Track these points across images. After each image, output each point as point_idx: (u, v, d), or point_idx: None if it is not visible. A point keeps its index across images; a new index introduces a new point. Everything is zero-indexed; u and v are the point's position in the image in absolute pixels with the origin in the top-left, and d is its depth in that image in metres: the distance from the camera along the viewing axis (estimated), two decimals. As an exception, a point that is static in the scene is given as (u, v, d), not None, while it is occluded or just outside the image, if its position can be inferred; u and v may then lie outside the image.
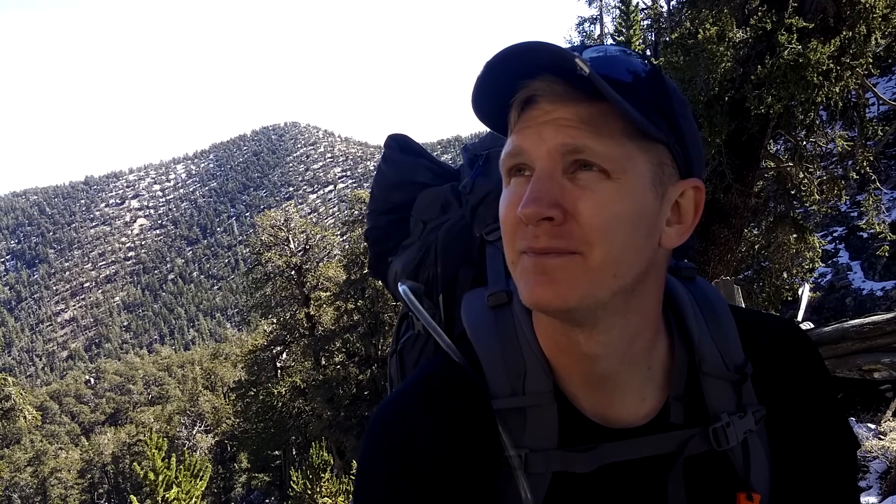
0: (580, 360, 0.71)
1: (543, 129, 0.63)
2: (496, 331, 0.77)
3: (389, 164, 1.17)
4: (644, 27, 17.47)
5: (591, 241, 0.61)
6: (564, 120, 0.62)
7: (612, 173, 0.62)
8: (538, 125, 0.63)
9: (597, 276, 0.63)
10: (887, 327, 5.48)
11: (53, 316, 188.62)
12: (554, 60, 0.62)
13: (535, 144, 0.63)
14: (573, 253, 0.62)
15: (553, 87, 0.63)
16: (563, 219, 0.61)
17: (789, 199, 9.48)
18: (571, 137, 0.61)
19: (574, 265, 0.62)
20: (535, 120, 0.64)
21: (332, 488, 15.45)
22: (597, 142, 0.61)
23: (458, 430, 0.72)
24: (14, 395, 22.49)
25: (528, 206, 0.61)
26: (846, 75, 7.14)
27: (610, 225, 0.62)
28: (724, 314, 0.79)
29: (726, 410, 0.74)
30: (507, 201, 0.66)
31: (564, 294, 0.62)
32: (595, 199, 0.61)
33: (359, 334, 23.05)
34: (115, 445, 43.39)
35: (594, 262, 0.62)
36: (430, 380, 0.77)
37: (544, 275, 0.62)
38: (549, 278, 0.62)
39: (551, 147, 0.62)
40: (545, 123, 0.63)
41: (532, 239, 0.62)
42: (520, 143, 0.65)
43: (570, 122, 0.62)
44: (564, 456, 0.71)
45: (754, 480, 0.74)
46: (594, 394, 0.73)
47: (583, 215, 0.61)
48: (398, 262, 1.09)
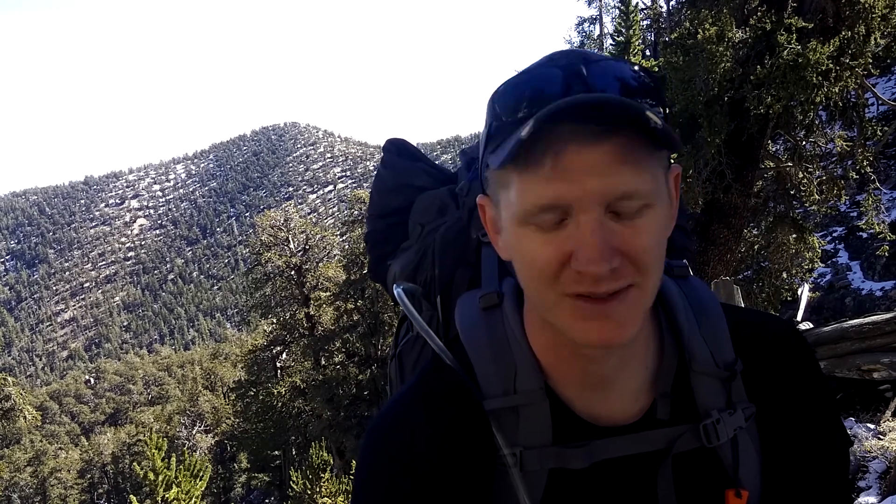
0: (582, 364, 0.72)
1: (586, 178, 0.59)
2: (487, 332, 0.78)
3: (388, 168, 1.19)
4: (644, 27, 17.48)
5: (645, 272, 0.63)
6: (603, 164, 0.59)
7: (651, 203, 0.62)
8: (578, 173, 0.60)
9: (648, 299, 0.65)
10: (886, 327, 5.48)
11: (53, 316, 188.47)
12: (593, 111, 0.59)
13: (580, 195, 0.60)
14: (629, 286, 0.63)
15: (584, 128, 0.60)
16: (621, 262, 0.61)
17: (789, 199, 9.48)
18: (619, 185, 0.60)
19: (632, 300, 0.63)
20: (571, 167, 0.60)
21: (332, 488, 15.44)
22: (640, 179, 0.61)
23: (453, 432, 0.73)
24: (14, 395, 22.49)
25: (595, 264, 0.60)
26: (846, 75, 7.14)
27: (657, 249, 0.64)
28: (714, 312, 0.79)
29: (716, 407, 0.75)
30: (539, 246, 0.63)
31: (628, 332, 0.64)
32: (645, 234, 0.62)
33: (358, 334, 23.04)
34: (115, 445, 43.38)
35: (648, 288, 0.64)
36: (425, 384, 0.78)
37: (605, 319, 0.63)
38: (613, 322, 0.63)
39: (598, 196, 0.60)
40: (585, 171, 0.59)
41: (592, 285, 0.61)
42: (561, 193, 0.60)
43: (610, 166, 0.59)
44: (559, 452, 0.72)
45: (743, 477, 0.75)
46: (589, 394, 0.74)
47: (637, 253, 0.62)
48: (397, 265, 1.10)
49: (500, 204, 0.68)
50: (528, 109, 0.62)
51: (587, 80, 0.62)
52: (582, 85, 0.62)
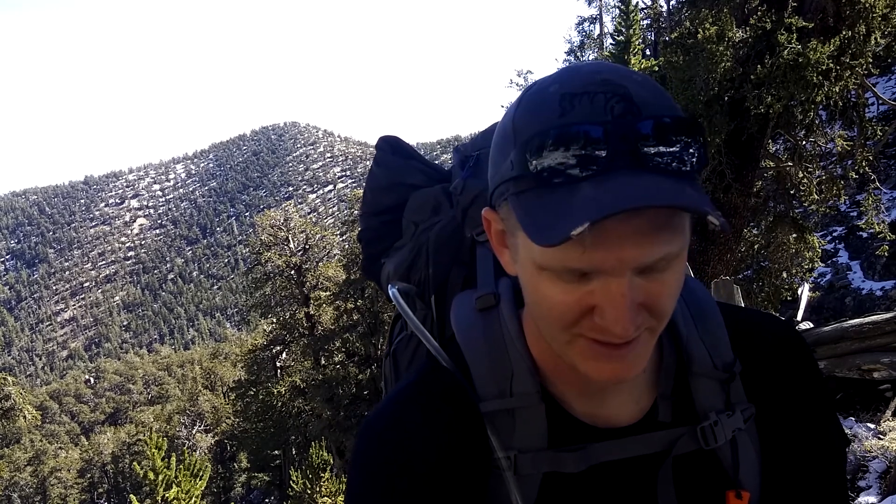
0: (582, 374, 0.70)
1: (623, 247, 0.56)
2: (483, 333, 0.77)
3: (381, 166, 1.18)
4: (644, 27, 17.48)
5: (663, 319, 0.63)
6: (642, 234, 0.56)
7: (680, 254, 0.61)
8: (616, 242, 0.56)
9: (658, 333, 0.65)
10: (886, 327, 5.48)
11: (53, 315, 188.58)
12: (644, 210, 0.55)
13: (615, 264, 0.57)
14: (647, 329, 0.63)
15: None
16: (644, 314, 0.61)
17: (789, 198, 9.48)
18: (656, 253, 0.57)
19: (645, 341, 0.63)
20: (609, 236, 0.56)
21: (332, 488, 15.45)
22: (675, 242, 0.59)
23: (448, 434, 0.72)
24: (14, 395, 22.48)
25: (623, 328, 0.59)
26: (846, 75, 7.14)
27: (676, 295, 0.63)
28: (712, 313, 0.79)
29: (714, 409, 0.74)
30: (559, 293, 0.60)
31: (638, 368, 0.65)
32: (670, 286, 0.61)
33: (358, 334, 23.06)
34: (115, 445, 43.43)
35: (661, 328, 0.64)
36: (419, 385, 0.77)
37: (618, 361, 0.63)
38: (626, 363, 0.63)
39: (633, 264, 0.58)
40: (623, 239, 0.56)
41: (612, 337, 0.61)
42: (596, 262, 0.57)
43: (648, 235, 0.57)
44: (554, 456, 0.71)
45: (743, 478, 0.74)
46: (588, 397, 0.74)
47: (660, 305, 0.61)
48: (390, 264, 1.09)
49: (517, 233, 0.63)
50: (562, 174, 0.57)
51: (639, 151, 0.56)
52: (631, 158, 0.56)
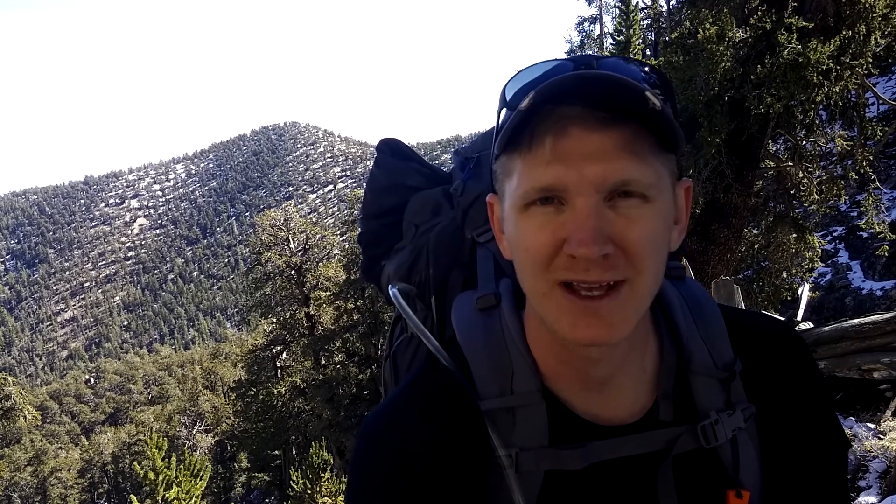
0: (581, 366, 0.72)
1: (584, 163, 0.60)
2: (484, 333, 0.77)
3: (381, 168, 1.18)
4: (644, 27, 17.48)
5: (638, 268, 0.62)
6: (604, 151, 0.60)
7: (650, 197, 0.62)
8: (577, 158, 0.60)
9: (642, 301, 0.64)
10: (887, 327, 5.47)
11: (53, 316, 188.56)
12: (593, 87, 0.60)
13: (577, 180, 0.60)
14: (621, 281, 0.62)
15: (590, 114, 0.60)
16: (614, 251, 0.61)
17: (789, 198, 9.48)
18: (618, 172, 0.60)
19: (624, 298, 0.62)
20: (571, 152, 0.60)
21: (332, 488, 15.45)
22: (639, 170, 0.61)
23: (448, 433, 0.73)
24: (14, 395, 22.49)
25: (586, 247, 0.59)
26: (846, 75, 7.14)
27: (653, 248, 0.63)
28: (712, 313, 0.80)
29: (715, 408, 0.74)
30: (535, 231, 0.63)
31: (617, 332, 0.63)
32: (640, 227, 0.61)
33: (358, 334, 23.06)
34: (115, 445, 43.43)
35: (641, 288, 0.63)
36: (420, 385, 0.78)
37: (594, 316, 0.62)
38: (602, 320, 0.62)
39: (596, 182, 0.60)
40: (585, 156, 0.60)
41: (583, 272, 0.61)
42: (559, 177, 0.60)
43: (610, 153, 0.60)
44: (555, 454, 0.72)
45: (744, 477, 0.75)
46: (588, 395, 0.74)
47: (631, 244, 0.61)
48: (391, 265, 1.10)
49: (505, 194, 0.68)
50: (530, 95, 0.61)
51: (597, 69, 0.63)
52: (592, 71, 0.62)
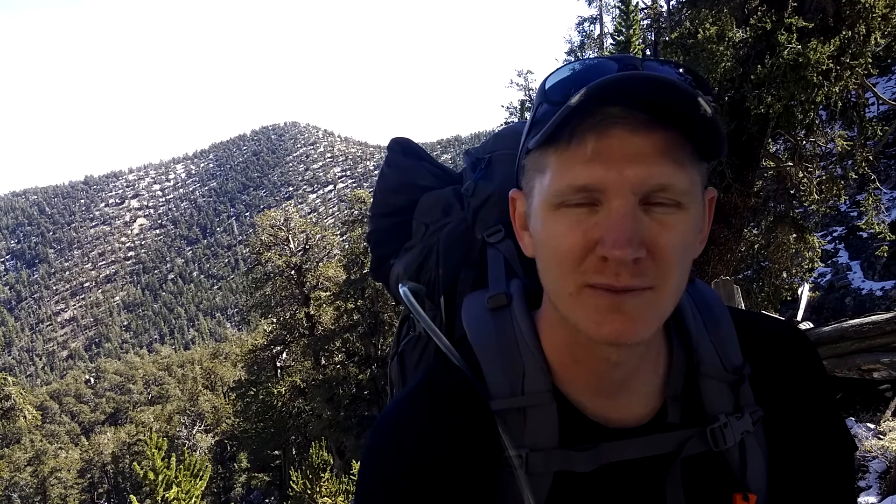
0: (595, 366, 0.72)
1: (625, 164, 0.59)
2: (495, 332, 0.77)
3: (392, 167, 1.18)
4: (644, 27, 17.44)
5: (665, 275, 0.62)
6: (645, 154, 0.59)
7: (684, 205, 0.62)
8: (618, 159, 0.60)
9: (667, 306, 0.64)
10: (887, 327, 5.47)
11: (53, 315, 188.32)
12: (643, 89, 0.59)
13: (616, 181, 0.60)
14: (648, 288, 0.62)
15: (634, 116, 0.60)
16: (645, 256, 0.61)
17: (789, 198, 9.48)
18: (657, 176, 0.60)
19: (649, 301, 0.62)
20: (613, 152, 0.60)
21: (332, 488, 15.45)
22: (677, 177, 0.61)
23: (459, 434, 0.73)
24: (14, 395, 22.43)
25: (620, 249, 0.59)
26: (846, 75, 7.14)
27: (682, 255, 0.63)
28: (722, 316, 0.79)
29: (724, 411, 0.75)
30: (566, 231, 0.63)
31: (640, 331, 0.63)
32: (672, 234, 0.61)
33: (359, 334, 23.06)
34: (115, 445, 43.39)
35: (666, 294, 0.63)
36: (430, 384, 0.78)
37: (619, 313, 0.62)
38: (625, 317, 0.62)
39: (636, 184, 0.60)
40: (627, 157, 0.60)
41: (612, 277, 0.61)
42: (598, 177, 0.60)
43: (651, 156, 0.60)
44: (565, 455, 0.72)
45: (751, 481, 0.75)
46: (600, 397, 0.74)
47: (662, 251, 0.61)
48: (399, 265, 1.09)
49: (534, 191, 0.67)
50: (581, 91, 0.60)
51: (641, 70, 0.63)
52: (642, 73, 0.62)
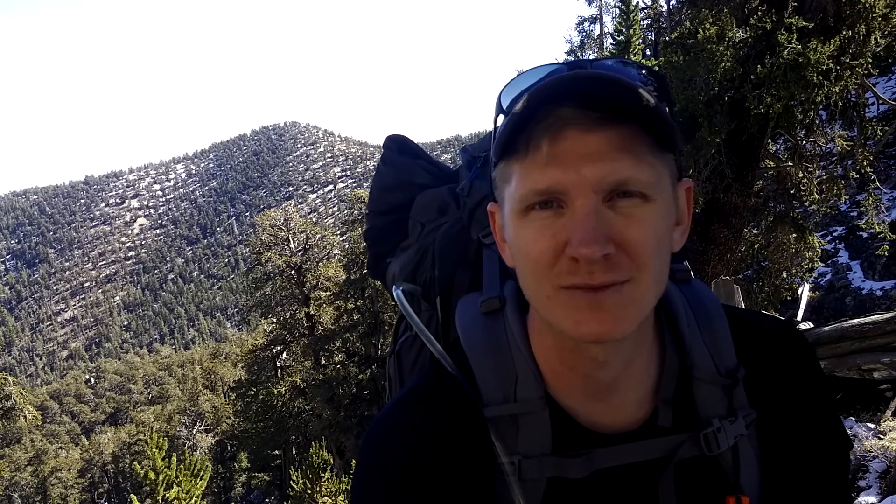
0: (585, 370, 0.71)
1: (582, 164, 0.59)
2: (488, 338, 0.77)
3: (388, 165, 1.17)
4: (644, 27, 17.44)
5: (640, 267, 0.61)
6: (601, 152, 0.59)
7: (650, 197, 0.61)
8: (575, 159, 0.60)
9: (647, 299, 0.64)
10: (887, 327, 5.47)
11: (53, 315, 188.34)
12: (586, 87, 0.59)
13: (576, 181, 0.60)
14: (625, 282, 0.61)
15: (586, 115, 0.60)
16: (615, 251, 0.60)
17: (789, 198, 9.47)
18: (616, 172, 0.59)
19: (628, 295, 0.62)
20: (568, 153, 0.60)
21: (332, 488, 15.43)
22: (638, 170, 0.60)
23: (453, 438, 0.72)
24: (14, 395, 22.43)
25: (586, 247, 0.59)
26: (846, 75, 7.14)
27: (655, 247, 0.62)
28: (717, 317, 0.78)
29: (717, 415, 0.74)
30: (535, 235, 0.63)
31: (621, 326, 0.62)
32: (640, 226, 0.61)
33: (359, 334, 23.04)
34: (116, 445, 43.40)
35: (644, 287, 0.62)
36: (422, 390, 0.77)
37: (599, 311, 0.61)
38: (606, 314, 0.61)
39: (594, 183, 0.59)
40: (583, 157, 0.59)
41: (586, 276, 0.60)
42: (557, 179, 0.60)
43: (608, 153, 0.60)
44: (558, 462, 0.71)
45: (744, 483, 0.74)
46: (592, 401, 0.73)
47: (632, 244, 0.61)
48: (396, 264, 1.09)
49: (504, 202, 0.67)
50: (523, 98, 0.61)
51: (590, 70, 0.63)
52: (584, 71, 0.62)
